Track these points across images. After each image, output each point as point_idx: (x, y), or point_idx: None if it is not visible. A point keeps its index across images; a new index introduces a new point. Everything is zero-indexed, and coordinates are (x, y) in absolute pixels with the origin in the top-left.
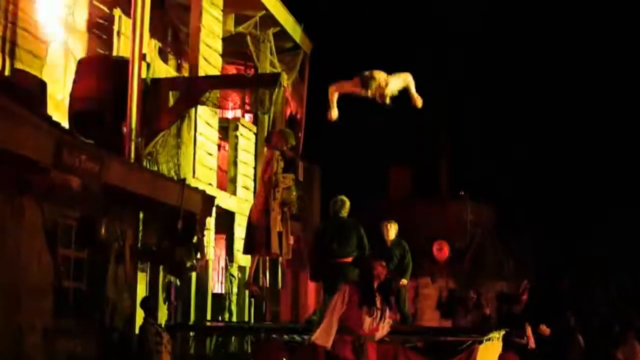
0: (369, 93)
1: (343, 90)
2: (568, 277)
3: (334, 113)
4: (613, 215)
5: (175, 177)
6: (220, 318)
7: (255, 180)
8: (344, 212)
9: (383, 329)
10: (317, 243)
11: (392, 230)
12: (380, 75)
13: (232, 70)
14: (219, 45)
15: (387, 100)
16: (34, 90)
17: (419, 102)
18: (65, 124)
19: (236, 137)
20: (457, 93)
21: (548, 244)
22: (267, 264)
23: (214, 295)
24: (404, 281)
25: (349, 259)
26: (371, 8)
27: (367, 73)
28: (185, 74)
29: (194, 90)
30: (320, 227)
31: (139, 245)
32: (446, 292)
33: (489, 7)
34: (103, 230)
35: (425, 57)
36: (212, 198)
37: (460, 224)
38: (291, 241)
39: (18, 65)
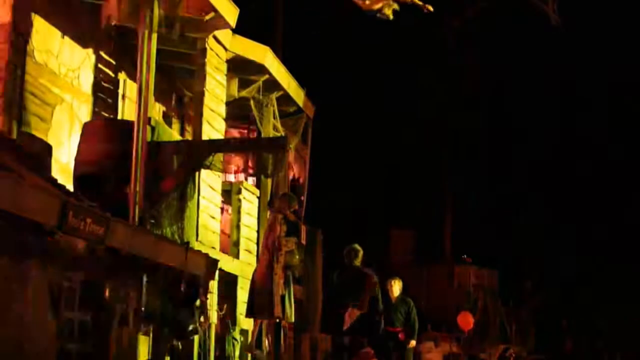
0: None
1: None
2: (571, 338)
3: None
4: (613, 280)
5: (179, 241)
6: None
7: (258, 244)
8: (357, 262)
9: None
10: (329, 293)
11: (396, 287)
12: None
13: (235, 134)
14: (222, 110)
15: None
16: (39, 153)
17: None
18: (70, 187)
19: (239, 200)
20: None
21: (550, 307)
22: (270, 327)
23: (216, 358)
24: (413, 343)
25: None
26: (374, 75)
27: None
28: (189, 137)
29: (197, 154)
30: (333, 276)
31: (142, 308)
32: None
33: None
34: (107, 293)
35: (428, 119)
36: (216, 261)
37: (463, 288)
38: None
39: (24, 128)
